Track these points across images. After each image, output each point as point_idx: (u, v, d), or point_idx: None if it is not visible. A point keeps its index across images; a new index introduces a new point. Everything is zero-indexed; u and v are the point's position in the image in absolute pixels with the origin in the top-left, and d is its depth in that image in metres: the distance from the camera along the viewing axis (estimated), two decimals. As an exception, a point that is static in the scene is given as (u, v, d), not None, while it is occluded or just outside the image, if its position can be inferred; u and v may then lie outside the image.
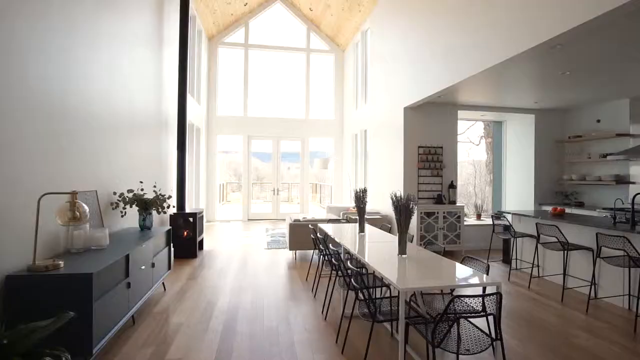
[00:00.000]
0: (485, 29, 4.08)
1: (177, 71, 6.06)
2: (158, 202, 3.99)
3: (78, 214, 2.47)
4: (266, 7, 10.10)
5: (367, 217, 6.26)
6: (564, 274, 4.27)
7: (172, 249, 5.70)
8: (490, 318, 2.13)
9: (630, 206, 5.06)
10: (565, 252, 4.25)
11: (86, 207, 2.53)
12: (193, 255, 5.69)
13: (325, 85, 10.90)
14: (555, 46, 3.44)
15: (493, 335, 2.12)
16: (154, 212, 4.16)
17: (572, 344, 2.98)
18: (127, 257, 2.93)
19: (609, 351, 2.87)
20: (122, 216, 3.87)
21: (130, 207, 3.88)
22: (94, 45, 3.39)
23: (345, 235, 3.94)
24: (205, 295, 4.03)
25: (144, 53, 4.86)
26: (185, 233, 5.70)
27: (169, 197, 4.28)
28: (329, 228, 4.36)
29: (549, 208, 5.69)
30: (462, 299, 2.48)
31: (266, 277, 4.74)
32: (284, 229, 8.00)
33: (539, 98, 5.83)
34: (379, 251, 3.19)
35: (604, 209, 5.44)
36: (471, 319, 2.34)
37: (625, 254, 3.45)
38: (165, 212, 4.21)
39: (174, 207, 4.62)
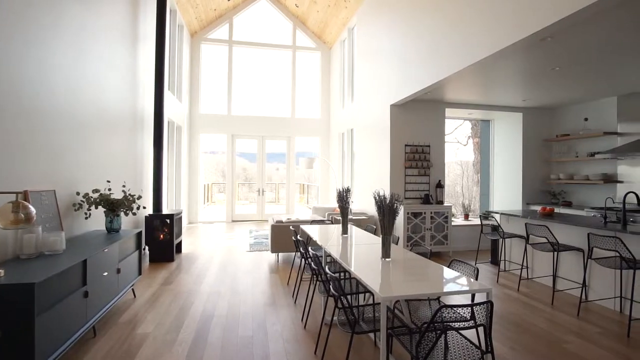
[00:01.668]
0: (473, 22, 3.92)
1: (154, 67, 5.76)
2: (126, 202, 3.71)
3: (23, 215, 2.20)
4: (251, 3, 9.84)
5: (353, 217, 6.08)
6: (554, 275, 4.14)
7: (147, 252, 5.43)
8: (481, 328, 1.94)
9: (618, 205, 4.98)
10: (555, 253, 4.11)
11: (33, 209, 2.26)
12: (170, 259, 5.40)
13: (311, 83, 10.69)
14: (545, 38, 3.29)
15: (483, 347, 1.93)
16: (131, 214, 3.89)
17: (564, 351, 2.82)
18: (85, 262, 2.66)
19: (603, 358, 2.72)
20: (86, 218, 3.58)
21: (96, 208, 3.59)
22: (55, 37, 3.11)
23: (327, 237, 3.73)
24: (178, 301, 3.76)
25: (117, 47, 4.57)
26: (161, 235, 5.41)
27: (139, 197, 4.00)
28: (310, 229, 4.14)
29: (537, 208, 5.58)
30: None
31: (245, 281, 4.50)
32: (268, 230, 7.75)
33: (527, 96, 5.72)
34: (362, 254, 2.98)
35: (592, 208, 5.35)
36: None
37: (618, 254, 3.32)
38: (134, 214, 3.93)
39: (144, 207, 4.33)
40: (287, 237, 5.36)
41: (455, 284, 2.25)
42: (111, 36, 4.37)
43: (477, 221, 6.41)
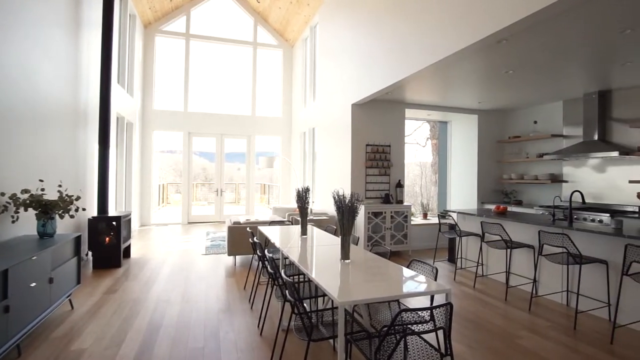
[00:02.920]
0: (434, 22, 3.95)
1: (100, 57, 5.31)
2: (62, 204, 3.34)
3: None
4: (209, -4, 9.46)
5: (314, 218, 5.97)
6: (507, 272, 4.26)
7: (90, 257, 5.00)
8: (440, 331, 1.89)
9: (564, 204, 5.26)
10: (509, 250, 4.24)
11: None
12: (116, 265, 4.98)
13: (272, 81, 10.46)
14: (501, 41, 3.37)
15: (443, 349, 1.88)
16: (68, 217, 3.50)
17: (518, 346, 2.88)
18: (5, 273, 2.32)
19: (553, 351, 2.79)
20: (13, 222, 3.17)
21: (25, 210, 3.19)
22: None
23: (286, 238, 3.58)
24: (122, 312, 3.44)
25: (56, 32, 4.13)
26: (107, 239, 4.99)
27: (77, 198, 3.62)
28: (269, 231, 3.97)
29: (492, 206, 5.77)
30: (409, 307, 2.22)
31: (199, 286, 4.23)
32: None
33: (482, 98, 5.91)
34: (321, 256, 2.87)
35: (540, 206, 5.62)
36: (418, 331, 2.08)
37: (565, 250, 3.46)
38: (72, 216, 3.56)
39: (84, 209, 3.92)
40: (244, 239, 5.14)
41: (414, 283, 2.19)
42: (48, 20, 3.94)
43: (436, 220, 6.54)
